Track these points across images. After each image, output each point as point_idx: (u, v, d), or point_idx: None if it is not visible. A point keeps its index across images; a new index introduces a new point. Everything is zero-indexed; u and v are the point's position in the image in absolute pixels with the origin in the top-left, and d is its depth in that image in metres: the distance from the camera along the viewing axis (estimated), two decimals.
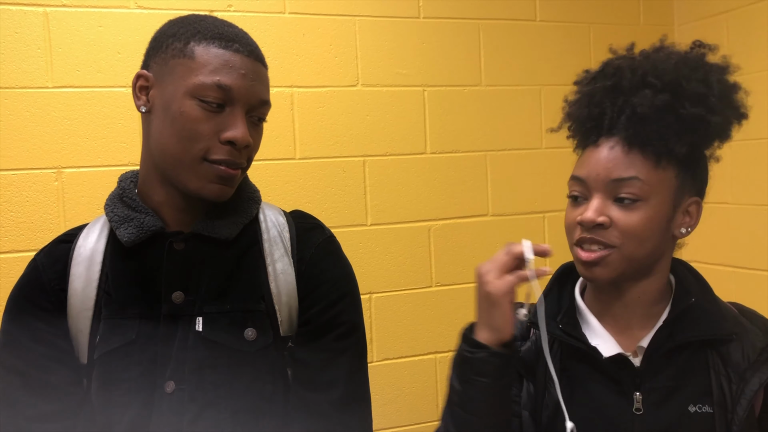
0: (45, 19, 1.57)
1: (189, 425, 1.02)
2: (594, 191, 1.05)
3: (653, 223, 1.02)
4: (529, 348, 1.15)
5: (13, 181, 1.56)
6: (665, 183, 1.03)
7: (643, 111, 1.01)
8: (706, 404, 1.03)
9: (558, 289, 1.18)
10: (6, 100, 1.55)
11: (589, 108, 1.10)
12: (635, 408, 1.05)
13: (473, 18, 1.98)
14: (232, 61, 1.02)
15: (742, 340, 1.05)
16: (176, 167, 1.03)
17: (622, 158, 1.03)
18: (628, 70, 1.08)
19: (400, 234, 1.91)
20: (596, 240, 1.03)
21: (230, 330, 1.05)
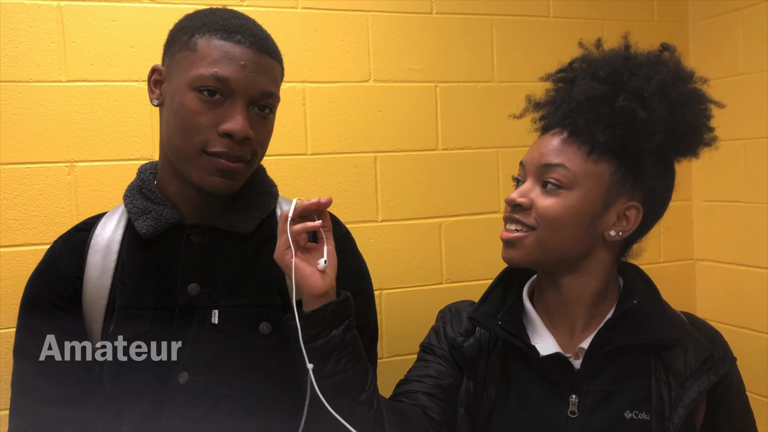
0: (59, 13, 1.58)
1: (202, 416, 1.02)
2: (528, 175, 1.08)
3: (572, 212, 1.03)
4: (472, 344, 1.15)
5: (26, 174, 1.57)
6: (595, 176, 1.03)
7: (580, 99, 1.04)
8: (643, 411, 1.02)
9: (503, 287, 1.18)
10: (20, 94, 1.55)
11: (548, 98, 1.15)
12: (570, 411, 1.04)
13: (486, 14, 1.97)
14: (231, 52, 1.01)
15: (685, 348, 1.05)
16: (180, 159, 1.04)
17: (557, 146, 1.06)
18: (584, 63, 1.09)
19: (411, 230, 1.91)
20: (515, 219, 1.05)
21: (245, 324, 1.06)
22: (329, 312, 0.99)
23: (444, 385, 1.14)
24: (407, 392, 1.15)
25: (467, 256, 1.97)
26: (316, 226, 1.01)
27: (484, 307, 1.15)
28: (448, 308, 1.26)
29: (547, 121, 1.14)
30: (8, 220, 1.55)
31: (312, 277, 0.99)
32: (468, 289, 1.97)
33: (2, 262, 1.55)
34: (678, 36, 2.21)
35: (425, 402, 1.12)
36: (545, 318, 1.12)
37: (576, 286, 1.09)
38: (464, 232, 1.96)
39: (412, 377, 1.18)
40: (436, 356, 1.19)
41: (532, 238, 1.05)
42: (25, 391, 1.05)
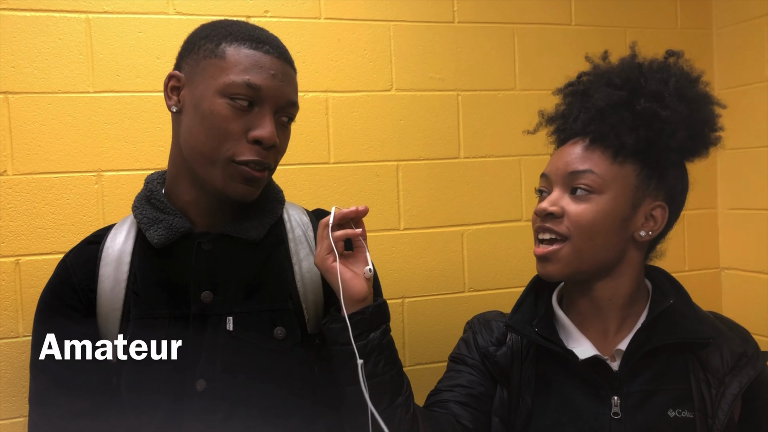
0: (87, 26, 1.61)
1: (221, 423, 1.03)
2: (554, 185, 1.09)
3: (605, 216, 1.04)
4: (505, 353, 1.15)
5: (54, 183, 1.59)
6: (622, 179, 1.05)
7: (600, 106, 1.06)
8: (686, 409, 1.03)
9: (534, 296, 1.19)
10: (49, 105, 1.58)
11: (561, 112, 1.16)
12: (613, 412, 1.05)
13: (508, 22, 1.97)
14: (262, 61, 1.04)
15: (720, 345, 1.06)
16: (204, 165, 1.04)
17: (581, 153, 1.07)
18: (594, 75, 1.12)
19: (433, 239, 1.91)
20: (548, 228, 1.06)
21: (260, 329, 1.07)
22: (368, 315, 1.02)
23: (476, 394, 1.15)
24: (439, 402, 1.16)
25: (489, 265, 1.96)
26: (356, 234, 1.04)
27: (519, 314, 1.17)
28: (476, 318, 1.27)
29: (565, 133, 1.15)
30: (37, 228, 1.58)
31: (353, 281, 1.02)
32: (490, 297, 1.96)
33: (32, 269, 1.57)
34: (702, 43, 2.19)
35: (457, 411, 1.13)
36: (577, 323, 1.12)
37: (609, 290, 1.10)
38: (486, 240, 1.96)
39: (443, 387, 1.19)
40: (467, 365, 1.19)
41: (568, 250, 1.05)
42: (43, 404, 1.06)
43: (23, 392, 1.56)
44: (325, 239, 1.02)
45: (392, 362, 1.04)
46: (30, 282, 1.57)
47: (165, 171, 1.16)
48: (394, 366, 1.04)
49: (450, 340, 2.02)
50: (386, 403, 1.01)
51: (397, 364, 1.05)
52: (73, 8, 1.60)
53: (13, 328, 1.56)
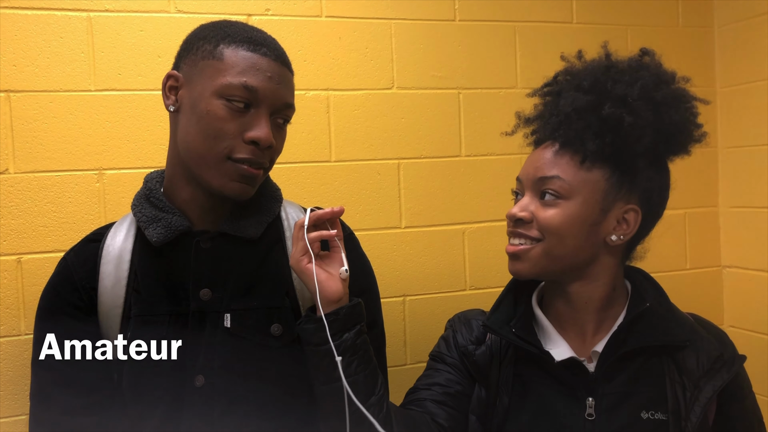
0: (89, 24, 1.61)
1: (219, 418, 1.05)
2: (526, 189, 1.11)
3: (573, 221, 1.05)
4: (484, 352, 1.16)
5: (56, 182, 1.60)
6: (590, 184, 1.05)
7: (567, 111, 1.06)
8: (659, 411, 1.04)
9: (513, 296, 1.20)
10: (51, 103, 1.58)
11: (537, 113, 1.17)
12: (587, 413, 1.06)
13: (509, 20, 1.97)
14: (259, 63, 1.05)
15: (696, 348, 1.07)
16: (200, 165, 1.06)
17: (550, 158, 1.08)
18: (566, 76, 1.13)
19: (435, 237, 1.91)
20: (519, 233, 1.07)
21: (257, 326, 1.08)
22: (341, 316, 1.02)
23: (452, 392, 1.16)
24: (416, 400, 1.17)
25: (491, 263, 1.96)
26: (331, 235, 1.06)
27: (497, 315, 1.18)
28: (457, 317, 1.28)
29: (539, 135, 1.16)
30: (39, 226, 1.58)
31: (328, 282, 1.03)
32: (492, 295, 1.94)
33: (33, 268, 1.57)
34: (703, 41, 2.19)
35: (433, 409, 1.14)
36: (556, 324, 1.14)
37: (584, 293, 1.11)
38: (488, 238, 1.96)
39: (420, 386, 1.20)
40: (445, 364, 1.20)
41: (538, 250, 1.07)
42: (44, 401, 1.07)
43: (25, 390, 1.56)
44: (300, 240, 1.03)
45: (366, 362, 1.04)
46: (31, 280, 1.57)
47: (164, 170, 1.17)
48: (367, 366, 1.04)
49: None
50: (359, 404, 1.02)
51: (370, 364, 1.05)
52: (74, 6, 1.60)
53: (15, 327, 1.56)
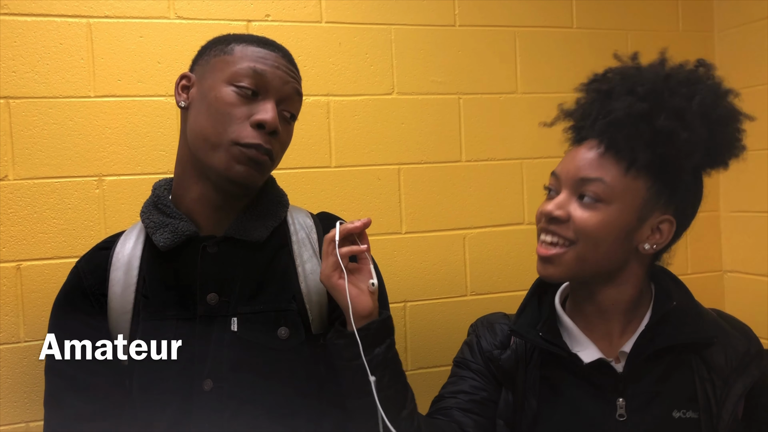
0: (88, 30, 1.61)
1: (228, 422, 1.06)
2: (563, 187, 1.07)
3: (610, 227, 1.03)
4: (509, 356, 1.15)
5: (55, 188, 1.59)
6: (632, 192, 1.03)
7: (618, 116, 1.03)
8: (690, 409, 1.03)
9: (537, 299, 1.19)
10: (51, 110, 1.58)
11: (582, 109, 1.13)
12: (618, 414, 1.05)
13: (509, 25, 1.97)
14: (268, 56, 1.10)
15: (724, 345, 1.06)
16: (208, 151, 1.07)
17: (595, 159, 1.05)
18: (620, 76, 1.09)
19: (435, 242, 1.91)
20: (552, 231, 1.05)
21: (264, 329, 1.09)
22: (372, 331, 1.02)
23: (478, 399, 1.15)
24: (442, 409, 1.17)
25: (492, 268, 1.96)
26: (362, 250, 1.04)
27: (523, 318, 1.16)
28: (480, 321, 1.27)
29: (581, 133, 1.13)
30: (38, 233, 1.58)
31: (360, 297, 1.02)
32: (493, 301, 1.96)
33: (33, 274, 1.57)
34: (703, 45, 2.19)
35: (460, 418, 1.13)
36: (582, 326, 1.12)
37: (611, 296, 1.10)
38: (489, 243, 1.95)
39: (446, 394, 1.19)
40: (470, 371, 1.19)
41: (572, 254, 1.05)
42: (58, 408, 1.09)
43: (24, 398, 1.56)
44: (331, 256, 1.02)
45: (396, 376, 1.04)
46: (31, 287, 1.57)
47: (171, 178, 1.19)
48: (398, 380, 1.04)
49: (452, 344, 2.02)
50: (391, 417, 1.01)
51: (401, 377, 1.05)
52: (74, 13, 1.60)
53: (14, 333, 1.56)
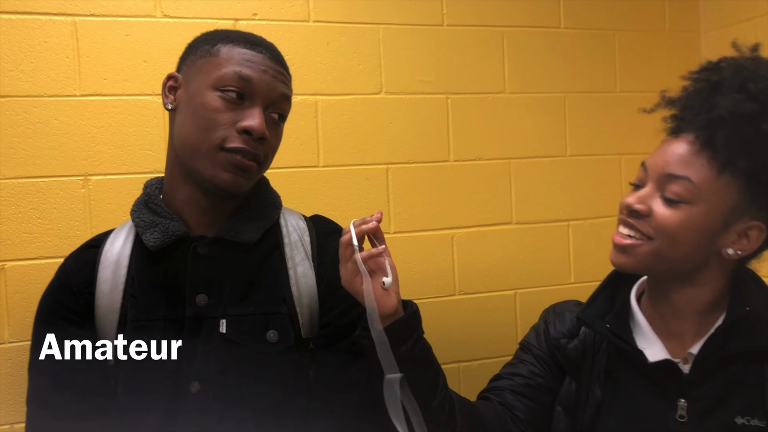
0: (73, 29, 1.60)
1: (214, 424, 1.05)
2: (649, 180, 1.03)
3: (691, 228, 0.99)
4: (576, 346, 1.14)
5: (41, 188, 1.58)
6: (720, 195, 0.98)
7: (723, 113, 0.97)
8: (755, 417, 0.99)
9: (611, 290, 1.15)
10: (35, 108, 1.57)
11: (686, 98, 1.06)
12: (679, 415, 1.02)
13: (497, 25, 1.97)
14: (254, 58, 1.07)
15: None
16: (194, 156, 1.06)
17: (685, 156, 0.99)
18: (733, 69, 1.02)
19: (423, 242, 1.90)
20: (631, 224, 1.02)
21: (253, 332, 1.08)
22: (396, 330, 0.99)
23: (533, 384, 1.15)
24: (495, 389, 1.17)
25: (480, 268, 1.96)
26: (380, 252, 1.00)
27: (593, 308, 1.13)
28: (552, 308, 1.24)
29: (679, 124, 1.06)
30: (23, 233, 1.56)
31: (382, 299, 1.00)
32: (481, 300, 1.96)
33: (17, 275, 1.56)
34: (689, 46, 2.20)
35: (511, 401, 1.13)
36: (654, 323, 1.09)
37: (687, 296, 1.05)
38: (477, 243, 1.96)
39: (503, 374, 1.20)
40: (531, 355, 1.19)
41: (647, 248, 1.01)
42: (41, 407, 1.07)
43: (8, 399, 1.54)
44: (350, 261, 0.99)
45: (425, 368, 1.02)
46: (15, 287, 1.55)
47: (163, 177, 1.18)
48: (426, 372, 1.02)
49: (441, 344, 2.01)
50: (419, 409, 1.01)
51: (430, 368, 1.03)
52: (59, 11, 1.59)
53: None
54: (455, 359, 1.94)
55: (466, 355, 1.94)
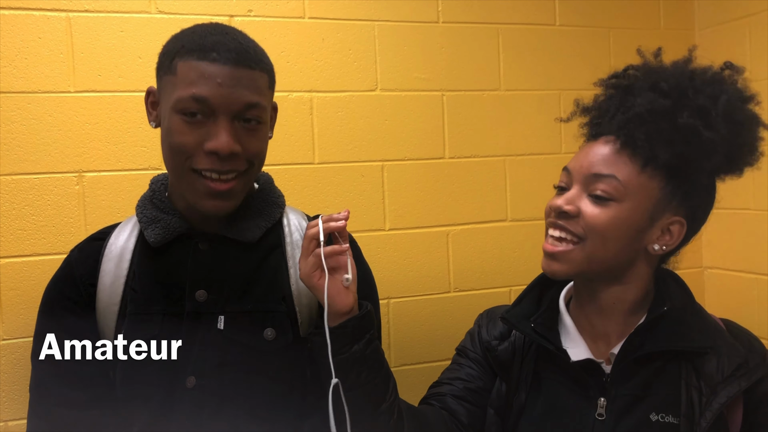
0: (68, 24, 1.59)
1: (208, 420, 1.06)
2: (575, 182, 1.05)
3: (620, 225, 1.01)
4: (506, 348, 1.16)
5: (35, 184, 1.57)
6: (645, 191, 1.02)
7: (639, 111, 1.01)
8: (670, 414, 1.02)
9: (539, 291, 1.19)
10: (29, 105, 1.56)
11: (600, 105, 1.10)
12: (597, 413, 1.05)
13: (492, 22, 1.97)
14: (207, 71, 1.01)
15: (719, 354, 1.04)
16: (175, 179, 1.08)
17: (608, 156, 1.03)
18: (642, 73, 1.07)
19: (419, 239, 1.91)
20: (561, 226, 1.04)
21: (250, 329, 1.09)
22: (349, 328, 1.00)
23: (473, 388, 1.16)
24: (437, 394, 1.18)
25: (475, 265, 1.96)
26: (344, 250, 1.01)
27: (518, 309, 1.16)
28: (485, 312, 1.27)
29: (598, 128, 1.10)
30: (17, 230, 1.56)
31: (339, 296, 1.01)
32: (476, 297, 1.97)
33: (11, 271, 1.55)
34: (684, 43, 2.18)
35: (453, 405, 1.14)
36: (580, 324, 1.12)
37: (614, 295, 1.09)
38: (472, 240, 1.96)
39: (444, 379, 1.21)
40: (468, 359, 1.21)
41: (579, 252, 1.03)
42: (43, 394, 1.08)
43: (2, 397, 1.54)
44: (312, 255, 1.00)
45: (376, 370, 1.03)
46: (9, 284, 1.55)
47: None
48: (378, 374, 1.03)
49: (436, 341, 2.03)
50: (369, 411, 1.01)
51: (381, 371, 1.04)
52: (53, 6, 1.58)
53: None
54: (450, 356, 1.93)
55: None
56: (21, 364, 1.57)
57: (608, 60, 2.10)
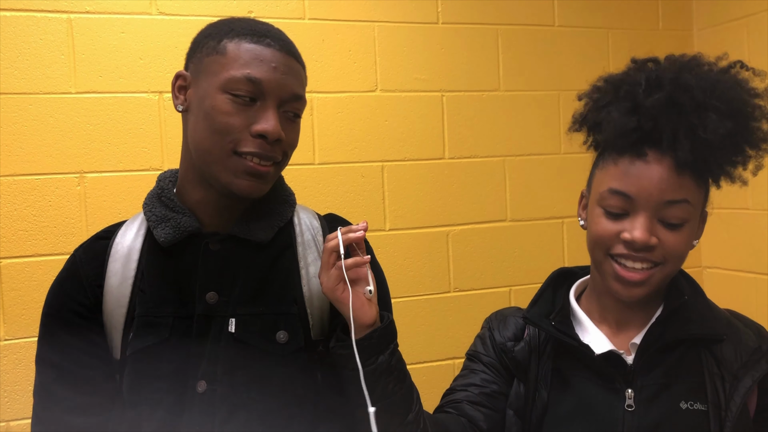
0: (69, 26, 1.59)
1: (220, 425, 1.01)
2: (640, 209, 1.02)
3: (691, 240, 1.05)
4: (522, 348, 1.16)
5: (36, 185, 1.58)
6: (702, 201, 1.05)
7: (708, 137, 0.98)
8: (698, 402, 1.03)
9: (552, 290, 1.19)
10: (30, 106, 1.57)
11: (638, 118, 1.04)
12: (627, 404, 1.06)
13: (492, 23, 1.98)
14: (262, 54, 1.01)
15: (734, 341, 1.07)
16: (208, 161, 1.03)
17: (675, 179, 1.01)
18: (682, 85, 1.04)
19: (419, 239, 1.91)
20: (642, 258, 1.03)
21: (262, 332, 1.05)
22: (375, 339, 0.99)
23: (489, 392, 1.16)
24: (452, 402, 1.17)
25: (475, 265, 1.97)
26: (365, 262, 1.00)
27: (536, 308, 1.17)
28: (494, 315, 1.27)
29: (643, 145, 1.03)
30: (19, 231, 1.56)
31: (362, 309, 0.99)
32: (475, 297, 1.97)
33: (13, 272, 1.55)
34: (683, 44, 2.22)
35: (470, 411, 1.14)
36: (596, 318, 1.13)
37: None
38: (471, 240, 1.96)
39: (457, 386, 1.19)
40: (482, 364, 1.20)
41: (659, 274, 1.04)
42: (47, 399, 1.05)
43: (4, 397, 1.54)
44: (335, 268, 0.99)
45: (401, 380, 1.02)
46: (11, 285, 1.55)
47: (177, 170, 1.15)
48: (403, 384, 1.02)
49: (436, 340, 2.03)
50: (397, 423, 1.01)
51: (406, 381, 1.04)
52: (54, 8, 1.59)
53: None
54: (450, 356, 1.95)
55: (460, 352, 1.93)
56: (23, 365, 1.57)
57: (607, 60, 2.11)
